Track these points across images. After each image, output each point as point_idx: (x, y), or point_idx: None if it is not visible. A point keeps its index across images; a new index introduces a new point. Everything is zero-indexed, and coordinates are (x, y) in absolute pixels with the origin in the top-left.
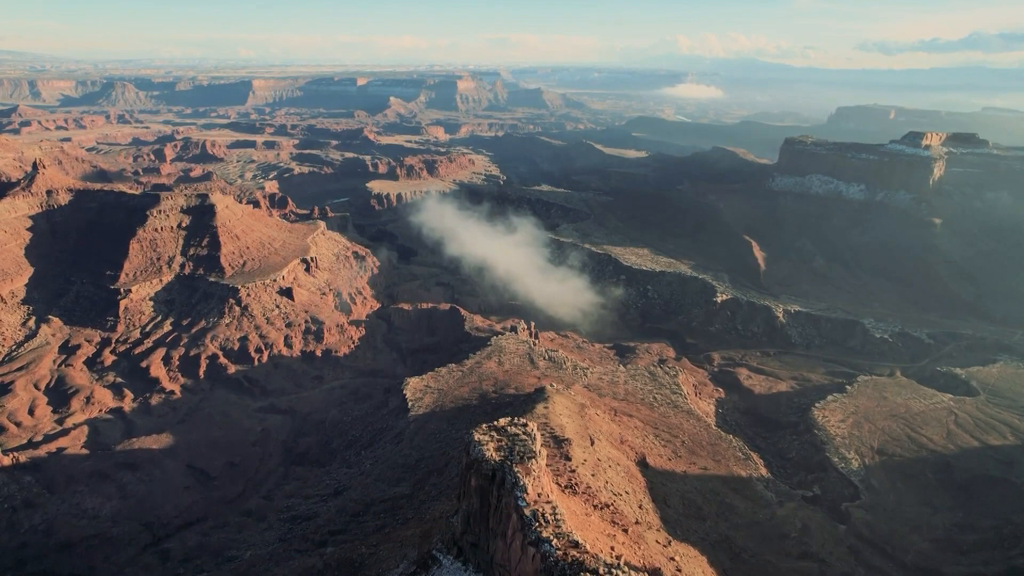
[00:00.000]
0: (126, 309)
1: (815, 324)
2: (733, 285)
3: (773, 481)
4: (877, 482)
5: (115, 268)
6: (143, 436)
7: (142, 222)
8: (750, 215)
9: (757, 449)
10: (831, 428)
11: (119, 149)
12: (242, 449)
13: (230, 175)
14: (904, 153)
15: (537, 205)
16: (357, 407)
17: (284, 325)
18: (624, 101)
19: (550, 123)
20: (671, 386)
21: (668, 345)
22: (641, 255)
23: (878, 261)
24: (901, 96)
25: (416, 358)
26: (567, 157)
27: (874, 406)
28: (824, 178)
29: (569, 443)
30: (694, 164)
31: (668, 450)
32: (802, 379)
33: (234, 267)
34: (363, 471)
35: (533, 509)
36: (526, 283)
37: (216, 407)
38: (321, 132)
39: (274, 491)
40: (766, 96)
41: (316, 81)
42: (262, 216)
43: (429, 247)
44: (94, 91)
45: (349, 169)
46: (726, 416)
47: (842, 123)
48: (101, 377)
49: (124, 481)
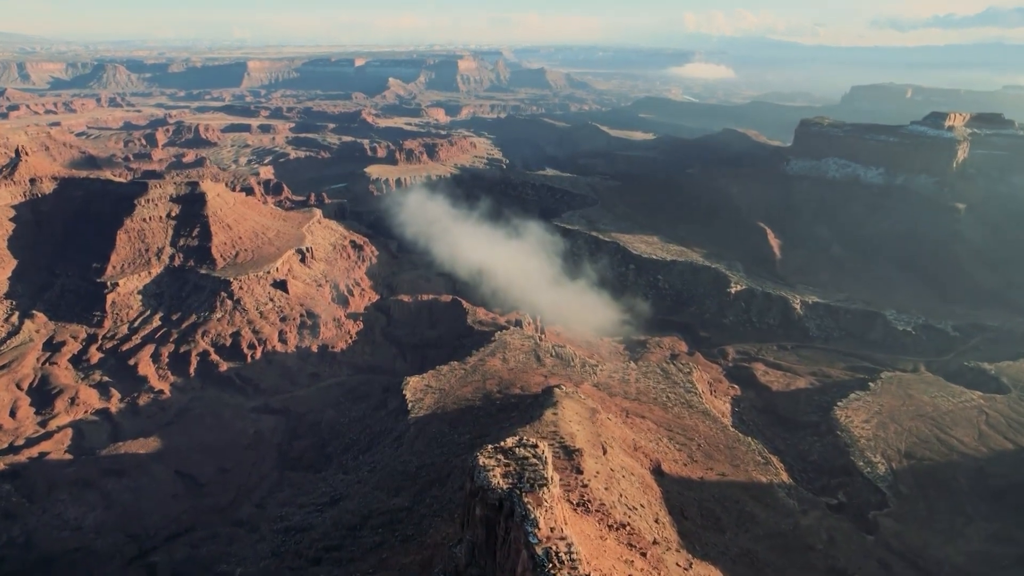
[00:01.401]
0: (113, 303)
1: (834, 316)
2: (747, 275)
3: (795, 487)
4: (906, 488)
5: (102, 260)
6: (130, 440)
7: (130, 212)
8: (764, 201)
9: (777, 452)
10: (855, 429)
11: (110, 134)
12: (234, 453)
13: (224, 160)
14: (926, 135)
15: (542, 190)
16: (355, 407)
17: (278, 319)
18: (630, 81)
19: (554, 104)
20: (685, 384)
21: (680, 339)
22: (651, 243)
23: (899, 249)
24: (916, 74)
25: (416, 353)
26: (572, 140)
27: (899, 405)
28: (841, 161)
29: (580, 454)
30: (704, 147)
31: (683, 455)
32: (821, 375)
33: (226, 258)
34: (360, 478)
35: (546, 547)
36: (532, 297)
37: (207, 407)
38: (318, 115)
39: (267, 499)
40: (776, 75)
41: (313, 62)
42: (255, 204)
43: (420, 250)
44: (85, 73)
45: (347, 153)
46: (743, 415)
47: (856, 103)
48: (87, 376)
49: (109, 489)
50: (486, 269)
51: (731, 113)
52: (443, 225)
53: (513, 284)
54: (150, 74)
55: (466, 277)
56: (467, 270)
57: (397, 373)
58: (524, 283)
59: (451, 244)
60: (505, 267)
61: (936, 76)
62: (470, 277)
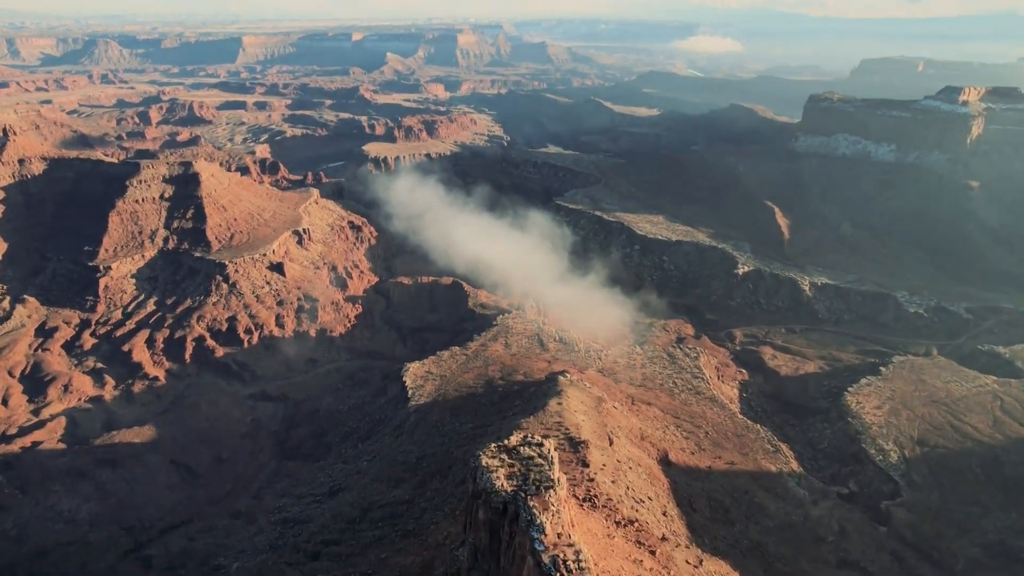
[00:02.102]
0: (106, 288)
1: (844, 298)
2: (755, 255)
3: (805, 476)
4: (919, 477)
5: (94, 243)
6: (124, 428)
7: (122, 193)
8: (771, 178)
9: (786, 439)
10: (866, 415)
11: (102, 112)
12: (231, 442)
13: (219, 139)
14: (939, 110)
15: (544, 169)
16: (354, 394)
17: (275, 303)
18: (633, 55)
19: (556, 79)
20: (692, 369)
21: (686, 321)
22: (656, 223)
23: (910, 228)
24: (927, 47)
25: (416, 337)
26: (575, 116)
27: (912, 390)
28: (851, 138)
29: (586, 446)
30: (710, 123)
31: (691, 443)
32: (831, 358)
33: (221, 241)
34: (360, 469)
35: (552, 555)
36: (535, 294)
37: (203, 395)
38: (315, 91)
39: (265, 489)
40: (783, 48)
41: (309, 37)
42: (251, 185)
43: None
44: (76, 49)
45: (344, 131)
46: (751, 401)
47: (866, 77)
48: (80, 362)
49: (103, 480)
50: (484, 262)
51: (737, 88)
52: (436, 214)
53: (512, 278)
54: (143, 50)
55: (464, 272)
56: (464, 264)
57: (397, 358)
58: (525, 277)
59: (445, 236)
60: (504, 261)
61: (949, 49)
62: (468, 271)
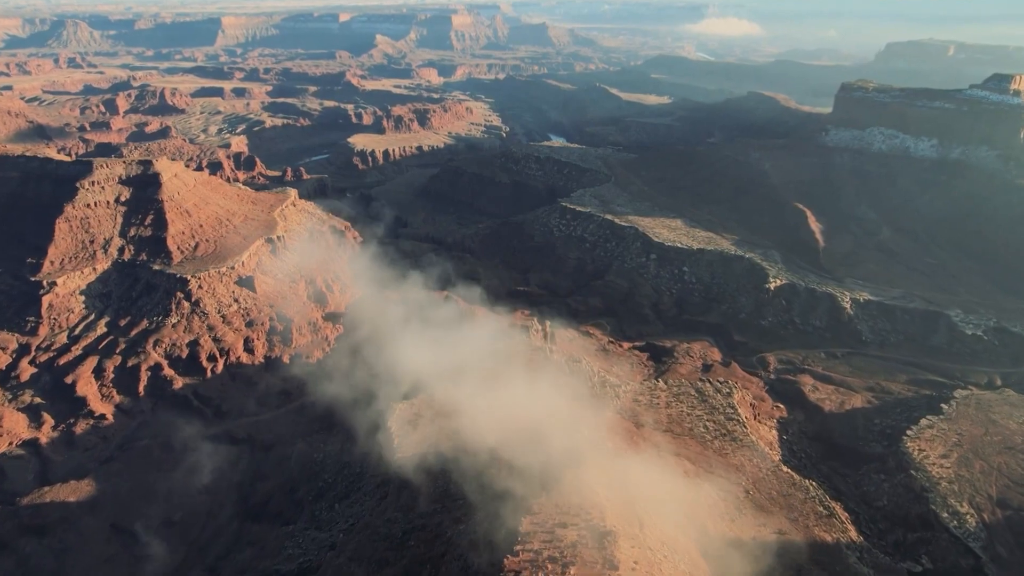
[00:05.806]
0: (50, 306)
1: (889, 316)
2: (787, 266)
3: (868, 549)
4: (1005, 550)
5: (38, 254)
6: (59, 484)
7: (71, 197)
8: (800, 176)
9: (838, 495)
10: (932, 467)
11: (65, 99)
12: (185, 499)
13: (192, 130)
14: (988, 100)
15: (547, 165)
16: (331, 439)
17: (244, 324)
18: (639, 37)
19: (557, 64)
20: (725, 409)
21: (711, 344)
22: (673, 228)
23: (956, 233)
24: (953, 29)
25: None
26: (578, 104)
27: (982, 434)
28: (888, 132)
29: (613, 538)
30: (727, 113)
31: (729, 505)
32: (880, 390)
33: (184, 251)
34: (335, 541)
35: None
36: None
37: (156, 436)
38: (298, 76)
39: (222, 560)
40: (799, 30)
41: (293, 17)
42: (220, 185)
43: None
44: (43, 31)
45: (329, 121)
46: (792, 445)
47: (892, 61)
48: (15, 397)
49: (27, 552)
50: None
51: (752, 73)
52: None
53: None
54: (115, 31)
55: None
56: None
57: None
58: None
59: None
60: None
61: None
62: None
